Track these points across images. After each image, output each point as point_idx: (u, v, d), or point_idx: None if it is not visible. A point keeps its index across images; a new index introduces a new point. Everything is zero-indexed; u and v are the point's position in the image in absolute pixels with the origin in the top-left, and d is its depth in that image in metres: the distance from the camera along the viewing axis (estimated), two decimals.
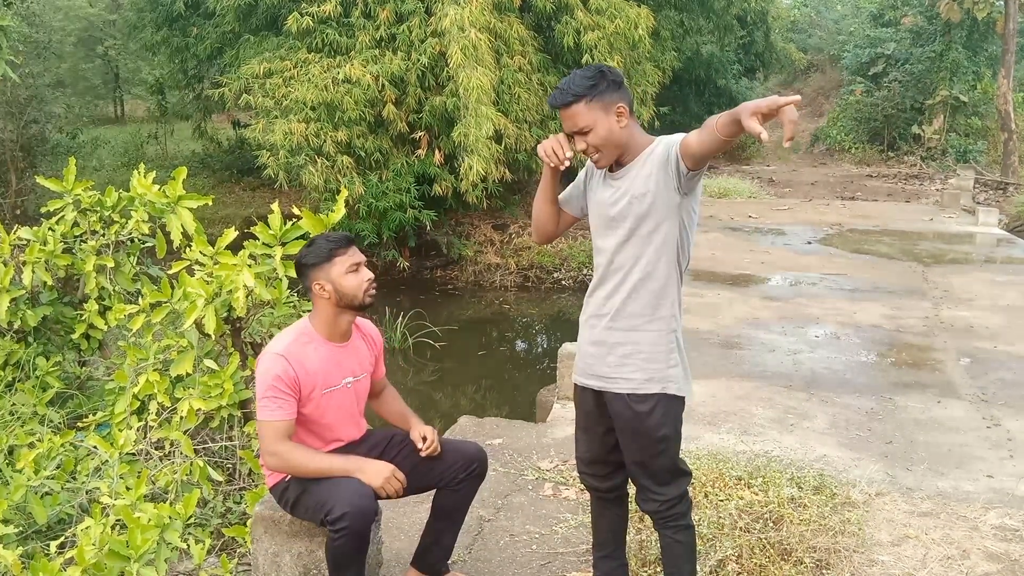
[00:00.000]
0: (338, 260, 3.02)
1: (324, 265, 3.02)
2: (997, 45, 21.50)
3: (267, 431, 2.95)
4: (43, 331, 5.14)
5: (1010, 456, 4.82)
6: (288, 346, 3.01)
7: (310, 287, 3.05)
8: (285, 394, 2.94)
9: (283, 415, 2.95)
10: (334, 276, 3.01)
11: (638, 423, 2.79)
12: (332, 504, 2.86)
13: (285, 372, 2.94)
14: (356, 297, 3.04)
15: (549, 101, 2.77)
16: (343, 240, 3.07)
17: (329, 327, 3.09)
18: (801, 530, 3.79)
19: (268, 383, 2.94)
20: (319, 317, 3.09)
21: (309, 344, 3.05)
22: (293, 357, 2.98)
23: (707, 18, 18.10)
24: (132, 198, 4.90)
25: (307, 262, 3.05)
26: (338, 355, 3.11)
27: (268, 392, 2.93)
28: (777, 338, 7.12)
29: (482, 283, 13.69)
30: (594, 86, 2.65)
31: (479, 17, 11.43)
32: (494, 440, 5.00)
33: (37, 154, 16.00)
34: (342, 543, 2.86)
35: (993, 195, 18.28)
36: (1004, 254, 11.24)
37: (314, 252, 3.04)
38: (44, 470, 3.98)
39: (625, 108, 2.70)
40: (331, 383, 3.07)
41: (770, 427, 5.18)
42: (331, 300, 3.03)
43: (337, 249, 3.03)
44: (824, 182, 20.15)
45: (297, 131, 11.35)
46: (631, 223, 2.74)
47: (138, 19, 18.04)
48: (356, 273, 3.04)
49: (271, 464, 3.00)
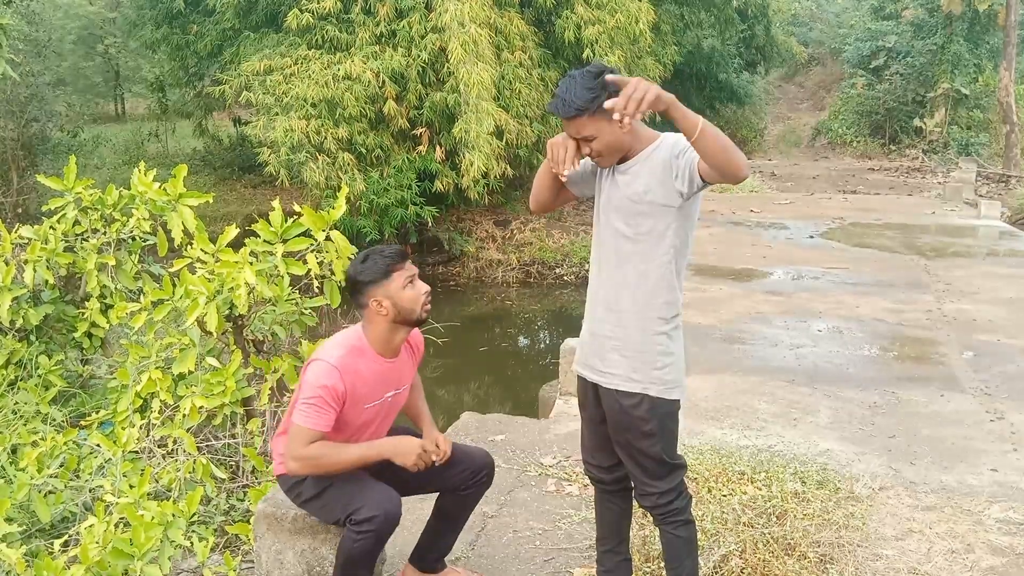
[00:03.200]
0: (396, 275, 2.96)
1: (382, 281, 2.95)
2: (998, 37, 21.46)
3: (300, 436, 2.90)
4: (45, 330, 5.14)
5: (1014, 449, 4.81)
6: (343, 359, 2.95)
7: (366, 304, 2.98)
8: (328, 406, 2.89)
9: (321, 426, 2.90)
10: (392, 292, 2.95)
11: (626, 417, 2.79)
12: (360, 505, 2.87)
13: (335, 387, 2.89)
14: (414, 312, 2.99)
15: (550, 110, 2.73)
16: (399, 255, 3.01)
17: (383, 343, 3.03)
18: (805, 525, 3.79)
19: (316, 392, 2.89)
20: (374, 333, 3.02)
21: (361, 359, 3.00)
22: (347, 372, 2.93)
23: (708, 12, 18.07)
24: (133, 196, 4.90)
25: (364, 279, 2.97)
26: (386, 371, 3.06)
27: (313, 400, 2.89)
28: (780, 332, 7.11)
29: (484, 279, 13.69)
30: (596, 98, 2.60)
31: (479, 12, 11.41)
32: (497, 436, 5.00)
33: (38, 152, 16.00)
34: (363, 543, 2.87)
35: (995, 188, 18.25)
36: (1007, 247, 11.22)
37: (371, 269, 2.97)
38: (47, 468, 3.98)
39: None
40: (374, 398, 3.04)
41: (773, 422, 5.18)
42: (388, 316, 2.97)
43: (394, 264, 2.97)
44: (826, 176, 20.14)
45: (298, 128, 11.34)
46: (631, 218, 2.73)
47: (138, 17, 18.04)
48: (412, 287, 2.99)
49: (294, 469, 2.94)
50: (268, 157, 11.76)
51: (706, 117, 2.53)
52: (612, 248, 2.80)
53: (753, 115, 25.98)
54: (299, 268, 4.14)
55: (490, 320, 12.32)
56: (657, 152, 2.69)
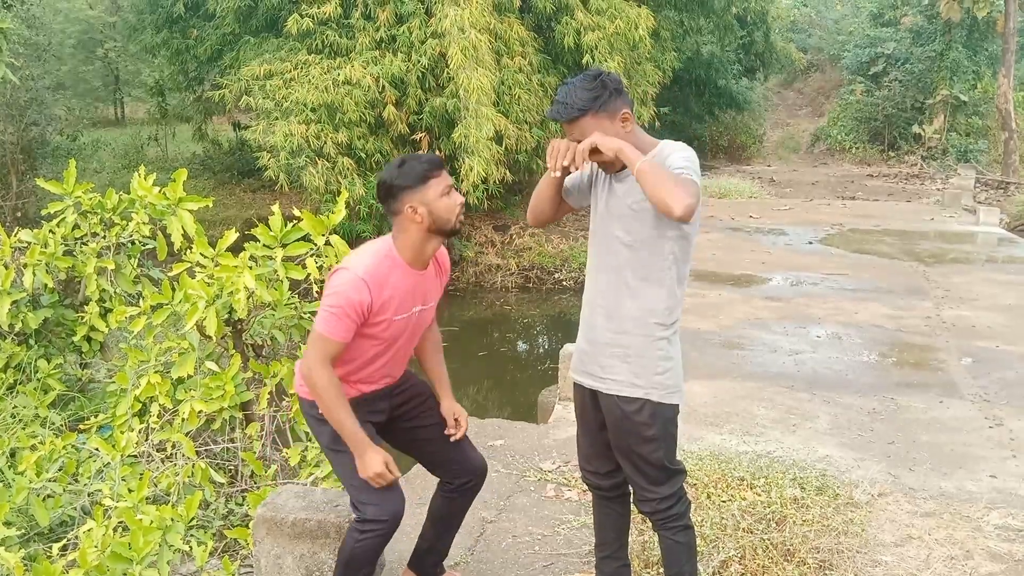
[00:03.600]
0: (432, 182, 2.85)
1: (419, 187, 2.84)
2: (997, 44, 21.50)
3: (318, 343, 2.83)
4: (44, 334, 5.14)
5: (1013, 456, 4.81)
6: (372, 270, 2.84)
7: (400, 210, 2.86)
8: (350, 317, 2.80)
9: (340, 335, 2.81)
10: (429, 199, 2.85)
11: (627, 423, 2.79)
12: (368, 503, 2.88)
13: (361, 299, 2.80)
14: (449, 221, 2.89)
15: (551, 115, 2.73)
16: (436, 162, 2.90)
17: (415, 252, 2.91)
18: (804, 531, 3.79)
19: (340, 300, 2.80)
20: (406, 241, 2.91)
21: (392, 269, 2.89)
22: (375, 283, 2.82)
23: (707, 18, 18.09)
24: (133, 200, 4.90)
25: (401, 183, 2.85)
26: (415, 283, 2.95)
27: (335, 308, 2.80)
28: (779, 338, 7.11)
29: (483, 284, 13.69)
30: (597, 98, 2.63)
31: (479, 18, 11.43)
32: (496, 441, 5.00)
33: (37, 156, 16.00)
34: (366, 543, 2.88)
35: (994, 194, 18.27)
36: (1005, 253, 11.23)
37: (408, 174, 2.85)
38: (46, 472, 3.98)
39: (629, 113, 2.70)
40: (403, 311, 2.93)
41: (772, 427, 5.18)
42: (423, 224, 2.86)
43: (432, 171, 2.86)
44: (825, 182, 20.16)
45: (297, 133, 11.35)
46: (631, 226, 2.73)
47: (138, 21, 18.05)
48: (449, 196, 2.88)
49: (303, 372, 2.88)
50: (268, 161, 11.77)
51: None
52: (611, 255, 2.80)
53: (752, 121, 26.00)
54: (299, 272, 4.15)
55: (489, 325, 12.31)
56: (656, 159, 2.68)
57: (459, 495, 3.23)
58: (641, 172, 2.54)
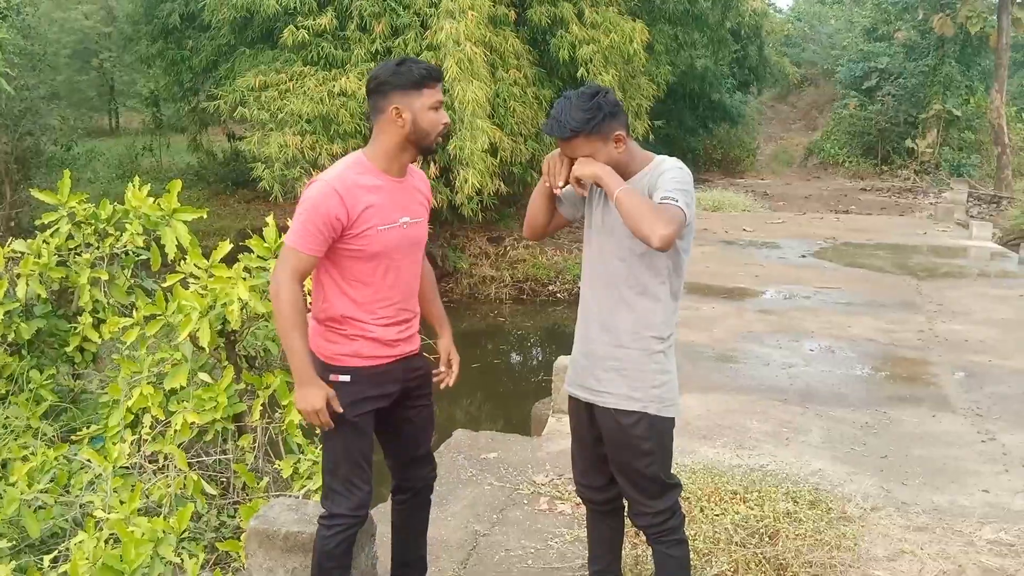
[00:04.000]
0: (426, 91, 2.74)
1: (410, 92, 2.72)
2: (990, 59, 21.67)
3: (287, 256, 2.75)
4: (37, 344, 5.12)
5: (1005, 470, 4.82)
6: (341, 174, 2.75)
7: (384, 109, 2.74)
8: (318, 227, 2.70)
9: (308, 247, 2.72)
10: (417, 107, 2.73)
11: (624, 436, 2.79)
12: (340, 491, 2.86)
13: (328, 205, 2.69)
14: (429, 135, 2.79)
15: (546, 131, 2.73)
16: (436, 73, 2.78)
17: (388, 159, 2.81)
18: (797, 545, 3.79)
19: (306, 208, 2.71)
20: (380, 147, 2.81)
21: (364, 174, 2.78)
22: (344, 188, 2.72)
23: (701, 32, 18.19)
24: (127, 211, 4.90)
25: (393, 82, 2.73)
26: (394, 189, 2.83)
27: (304, 220, 2.71)
28: (772, 351, 7.12)
29: (477, 295, 13.69)
30: (591, 120, 2.63)
31: (475, 31, 11.47)
32: (489, 454, 4.99)
33: (32, 166, 15.98)
34: (334, 538, 2.86)
35: (986, 209, 18.37)
36: (998, 268, 11.27)
37: (404, 74, 2.73)
38: (37, 483, 3.97)
39: (623, 134, 2.71)
40: (387, 220, 2.80)
41: (765, 441, 5.18)
42: (403, 130, 2.75)
43: (428, 80, 2.74)
44: (818, 196, 20.25)
45: (292, 144, 11.36)
46: (625, 239, 2.74)
47: (134, 32, 18.09)
48: (436, 112, 2.78)
49: (272, 288, 2.78)
50: (262, 172, 11.77)
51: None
52: (607, 268, 2.81)
53: (746, 135, 26.13)
54: None
55: (483, 337, 12.31)
56: (650, 176, 2.71)
57: (413, 506, 3.16)
58: (618, 201, 2.57)
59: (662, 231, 2.49)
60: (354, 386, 2.85)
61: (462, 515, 4.21)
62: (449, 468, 4.74)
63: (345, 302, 2.84)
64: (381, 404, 2.93)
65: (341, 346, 2.85)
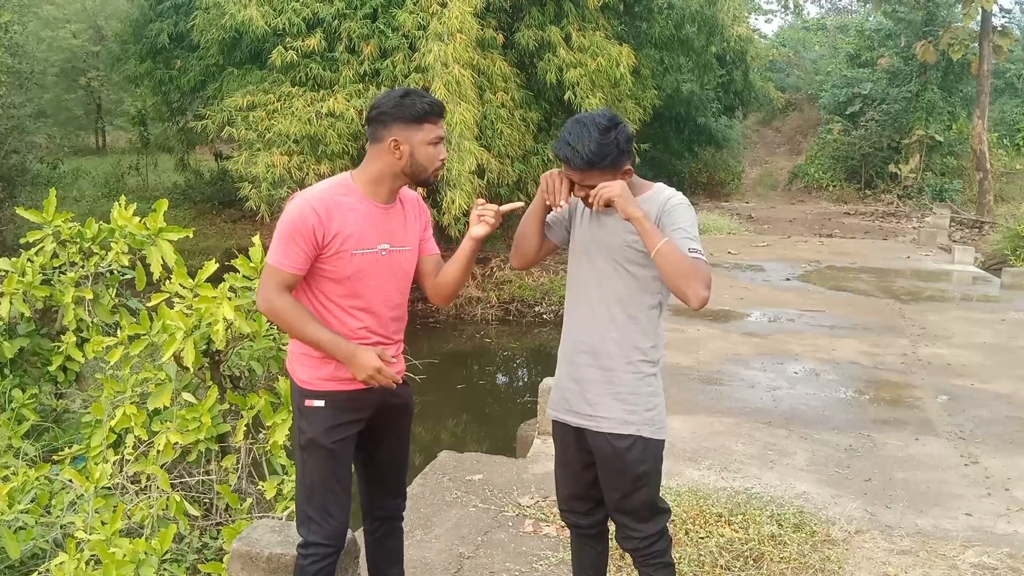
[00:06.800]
0: (427, 126, 2.73)
1: (411, 125, 2.71)
2: (972, 86, 21.91)
3: (268, 274, 2.74)
4: (20, 363, 5.08)
5: (988, 494, 4.84)
6: (320, 193, 2.74)
7: (382, 139, 2.73)
8: (296, 243, 2.68)
9: (287, 264, 2.70)
10: (416, 141, 2.72)
11: (617, 460, 2.78)
12: (316, 519, 2.82)
13: (305, 222, 2.68)
14: (426, 170, 2.77)
15: (558, 154, 2.68)
16: (439, 108, 2.78)
17: (375, 185, 2.78)
18: (781, 568, 3.79)
19: (283, 225, 2.71)
20: (368, 173, 2.79)
21: (345, 196, 2.76)
22: (321, 205, 2.70)
23: (687, 57, 18.34)
24: (112, 230, 4.88)
25: (395, 114, 2.71)
26: (376, 215, 2.79)
27: (283, 237, 2.70)
28: (757, 374, 7.14)
29: (463, 316, 13.68)
30: (608, 155, 2.62)
31: (463, 54, 11.53)
32: (474, 475, 4.98)
33: (17, 184, 15.91)
34: (311, 568, 2.83)
35: (969, 233, 18.53)
36: (980, 292, 11.36)
37: (407, 107, 2.71)
38: (18, 504, 3.93)
39: (631, 168, 2.73)
40: (363, 245, 2.76)
41: (750, 463, 5.19)
42: (400, 162, 2.74)
43: (431, 115, 2.74)
44: (802, 219, 20.36)
45: (279, 163, 11.38)
46: (616, 260, 2.75)
47: (122, 51, 18.09)
48: (435, 147, 2.77)
49: (261, 307, 2.76)
50: (249, 192, 11.78)
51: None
52: (598, 291, 2.80)
53: (731, 158, 26.27)
54: None
55: (469, 358, 12.29)
56: (652, 204, 2.71)
57: (384, 534, 3.12)
58: (661, 256, 2.58)
59: (704, 293, 2.58)
60: (329, 411, 2.82)
61: (446, 537, 4.20)
62: (434, 490, 4.73)
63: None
64: (359, 428, 2.89)
65: (316, 370, 2.82)
